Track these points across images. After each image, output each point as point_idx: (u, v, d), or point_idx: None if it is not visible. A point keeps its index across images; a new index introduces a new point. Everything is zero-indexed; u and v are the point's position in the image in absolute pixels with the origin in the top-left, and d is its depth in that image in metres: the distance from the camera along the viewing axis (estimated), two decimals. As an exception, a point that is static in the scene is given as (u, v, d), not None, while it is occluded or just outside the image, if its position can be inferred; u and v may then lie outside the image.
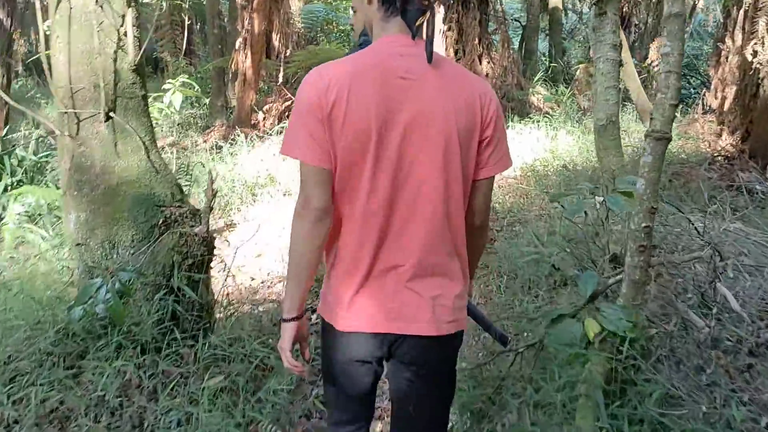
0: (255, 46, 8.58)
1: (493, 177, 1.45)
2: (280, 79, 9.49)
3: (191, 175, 6.16)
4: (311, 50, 9.49)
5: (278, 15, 9.34)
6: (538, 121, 8.08)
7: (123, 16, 2.60)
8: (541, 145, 7.29)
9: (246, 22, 8.56)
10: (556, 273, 3.43)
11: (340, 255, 1.43)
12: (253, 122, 9.00)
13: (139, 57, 2.64)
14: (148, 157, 2.76)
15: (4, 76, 5.78)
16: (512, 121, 8.18)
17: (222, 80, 9.70)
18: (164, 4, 11.35)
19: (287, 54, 9.63)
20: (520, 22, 14.63)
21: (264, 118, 9.09)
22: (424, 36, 1.35)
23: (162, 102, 4.05)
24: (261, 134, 8.23)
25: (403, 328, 1.41)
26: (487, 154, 1.42)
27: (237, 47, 8.71)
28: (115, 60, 2.60)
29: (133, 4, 2.57)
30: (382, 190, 1.35)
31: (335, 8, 14.71)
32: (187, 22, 13.74)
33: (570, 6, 16.84)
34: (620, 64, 4.80)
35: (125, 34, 2.62)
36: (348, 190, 1.37)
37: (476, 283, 3.81)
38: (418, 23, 1.36)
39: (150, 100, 4.35)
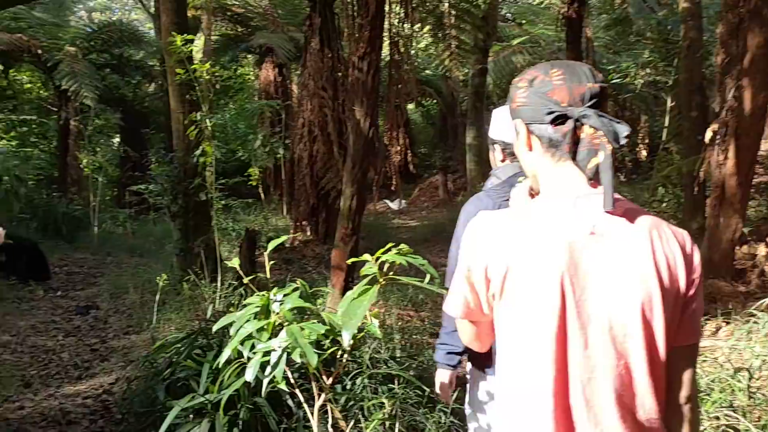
0: (745, 132, 4.99)
1: (698, 342, 1.22)
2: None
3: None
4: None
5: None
6: None
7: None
8: None
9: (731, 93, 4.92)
10: None
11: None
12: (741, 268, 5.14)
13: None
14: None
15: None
16: None
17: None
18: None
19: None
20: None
21: (759, 266, 5.12)
22: (603, 180, 1.12)
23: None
24: (754, 292, 4.79)
25: None
26: (689, 315, 1.18)
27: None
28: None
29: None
30: (574, 380, 1.11)
31: None
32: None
33: None
34: None
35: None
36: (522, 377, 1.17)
37: None
38: (590, 165, 1.15)
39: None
